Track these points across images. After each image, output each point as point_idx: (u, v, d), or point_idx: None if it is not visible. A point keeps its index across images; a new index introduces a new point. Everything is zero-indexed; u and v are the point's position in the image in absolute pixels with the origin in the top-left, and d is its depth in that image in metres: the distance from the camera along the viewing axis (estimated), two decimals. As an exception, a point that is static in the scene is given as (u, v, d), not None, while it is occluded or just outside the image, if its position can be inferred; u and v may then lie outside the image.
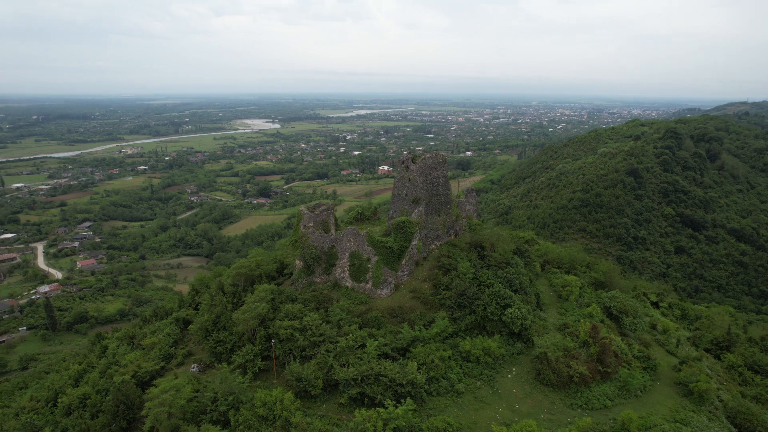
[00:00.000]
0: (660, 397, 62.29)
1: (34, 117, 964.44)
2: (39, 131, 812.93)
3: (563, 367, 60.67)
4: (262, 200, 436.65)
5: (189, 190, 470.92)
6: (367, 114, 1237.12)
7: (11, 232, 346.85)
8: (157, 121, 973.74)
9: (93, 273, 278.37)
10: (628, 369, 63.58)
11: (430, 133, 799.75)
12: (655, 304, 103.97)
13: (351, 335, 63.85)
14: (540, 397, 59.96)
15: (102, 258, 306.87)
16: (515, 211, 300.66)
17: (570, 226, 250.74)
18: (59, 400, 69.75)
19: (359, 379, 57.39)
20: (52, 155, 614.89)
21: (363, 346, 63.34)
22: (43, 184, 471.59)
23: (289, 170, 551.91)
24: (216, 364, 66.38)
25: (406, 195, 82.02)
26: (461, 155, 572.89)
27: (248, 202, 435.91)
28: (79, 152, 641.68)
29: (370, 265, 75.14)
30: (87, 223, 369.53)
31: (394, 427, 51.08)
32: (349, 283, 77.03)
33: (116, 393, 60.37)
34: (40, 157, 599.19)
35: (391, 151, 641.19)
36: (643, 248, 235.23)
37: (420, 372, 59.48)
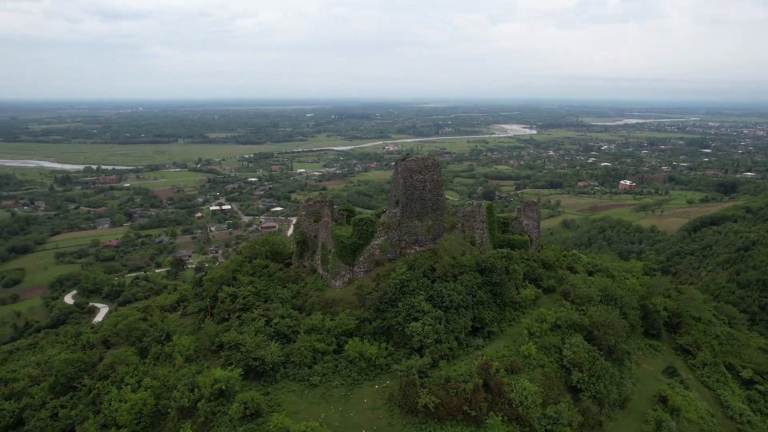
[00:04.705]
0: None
1: (332, 117, 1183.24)
2: (332, 128, 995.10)
3: (413, 393, 54.96)
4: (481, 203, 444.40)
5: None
6: (636, 123, 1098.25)
7: (281, 206, 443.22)
8: (423, 123, 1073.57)
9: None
10: (493, 419, 52.46)
11: (707, 148, 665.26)
12: (749, 383, 75.43)
13: (259, 310, 70.92)
14: (383, 415, 55.97)
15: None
16: (759, 247, 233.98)
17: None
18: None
19: (233, 344, 64.72)
20: (333, 148, 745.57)
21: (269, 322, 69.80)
22: (316, 171, 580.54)
23: (525, 176, 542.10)
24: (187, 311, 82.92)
25: (394, 196, 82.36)
26: (737, 176, 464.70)
27: (470, 203, 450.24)
28: (353, 147, 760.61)
29: (330, 257, 79.40)
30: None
31: (219, 388, 57.66)
32: (320, 271, 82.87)
33: (114, 315, 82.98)
34: (324, 150, 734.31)
35: (647, 165, 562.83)
36: None
37: (291, 355, 63.20)
